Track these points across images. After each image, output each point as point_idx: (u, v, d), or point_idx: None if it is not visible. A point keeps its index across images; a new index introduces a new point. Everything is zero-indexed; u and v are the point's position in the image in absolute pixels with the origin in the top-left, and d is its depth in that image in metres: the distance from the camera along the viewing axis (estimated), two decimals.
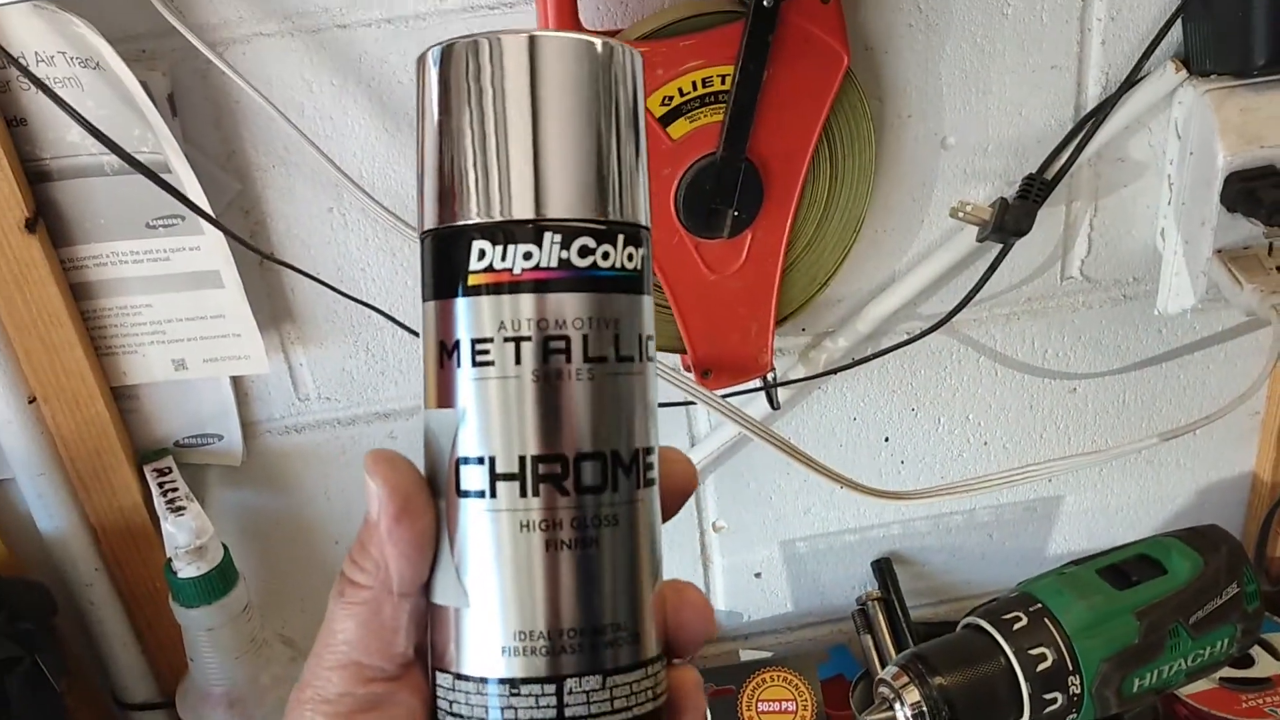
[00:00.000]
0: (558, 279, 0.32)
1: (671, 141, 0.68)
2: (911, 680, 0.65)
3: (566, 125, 0.32)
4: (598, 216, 0.32)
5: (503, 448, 0.32)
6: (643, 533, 0.33)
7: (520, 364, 0.32)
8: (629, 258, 0.33)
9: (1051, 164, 0.76)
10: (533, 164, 0.32)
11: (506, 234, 0.32)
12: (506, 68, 0.32)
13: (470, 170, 0.32)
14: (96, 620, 0.81)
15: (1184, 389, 0.87)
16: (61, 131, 0.68)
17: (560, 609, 0.32)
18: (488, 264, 0.32)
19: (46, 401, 0.74)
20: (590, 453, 0.32)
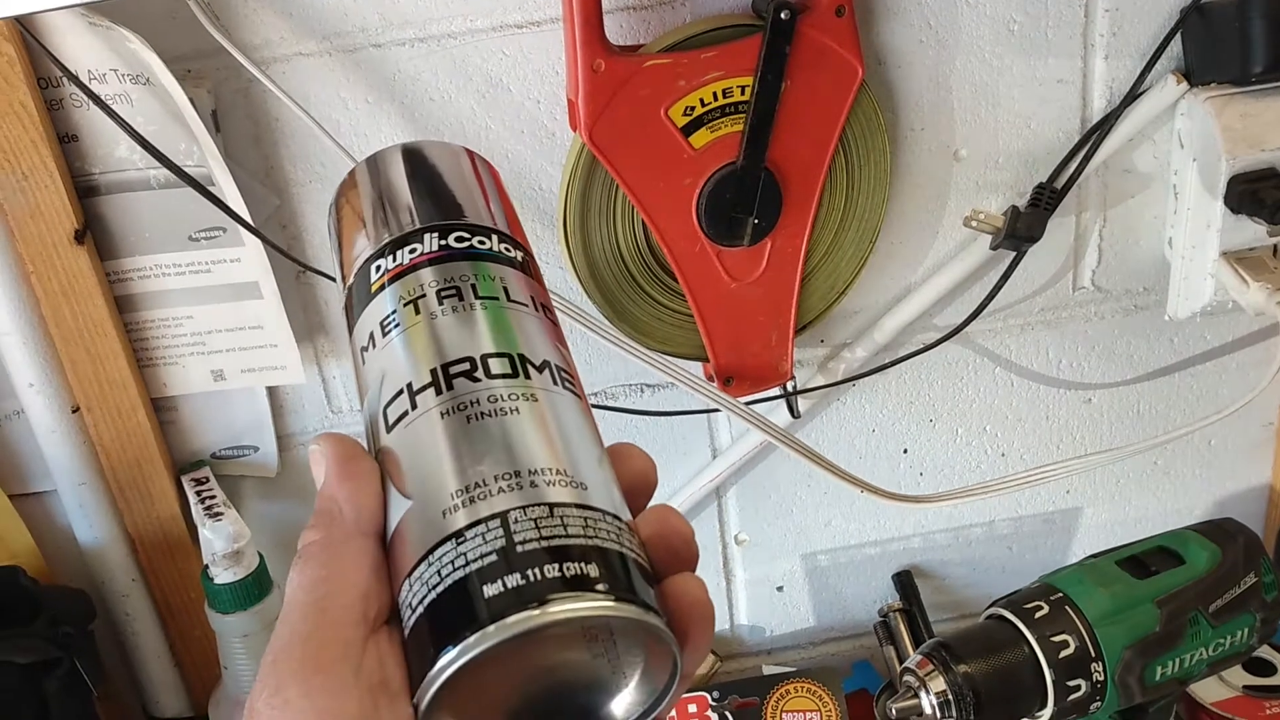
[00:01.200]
0: (436, 257, 0.38)
1: (693, 151, 0.71)
2: (936, 668, 0.66)
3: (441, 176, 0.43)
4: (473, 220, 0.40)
5: (415, 371, 0.35)
6: (564, 412, 0.35)
7: (419, 313, 0.36)
8: (505, 244, 0.40)
9: (1060, 174, 0.78)
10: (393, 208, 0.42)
11: (393, 246, 0.39)
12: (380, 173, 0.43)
13: (367, 223, 0.41)
14: (131, 632, 0.83)
15: (1197, 398, 0.88)
16: (110, 147, 0.72)
17: (491, 460, 0.33)
18: (384, 270, 0.39)
19: (89, 411, 0.76)
20: (495, 352, 0.36)
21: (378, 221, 0.40)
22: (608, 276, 0.75)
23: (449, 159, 0.44)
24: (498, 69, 0.73)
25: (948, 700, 0.65)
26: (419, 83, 0.73)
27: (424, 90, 0.73)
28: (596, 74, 0.67)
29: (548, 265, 0.78)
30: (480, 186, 0.43)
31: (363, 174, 0.43)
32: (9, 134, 0.68)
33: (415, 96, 0.73)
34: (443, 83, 0.73)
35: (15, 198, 0.70)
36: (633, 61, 0.68)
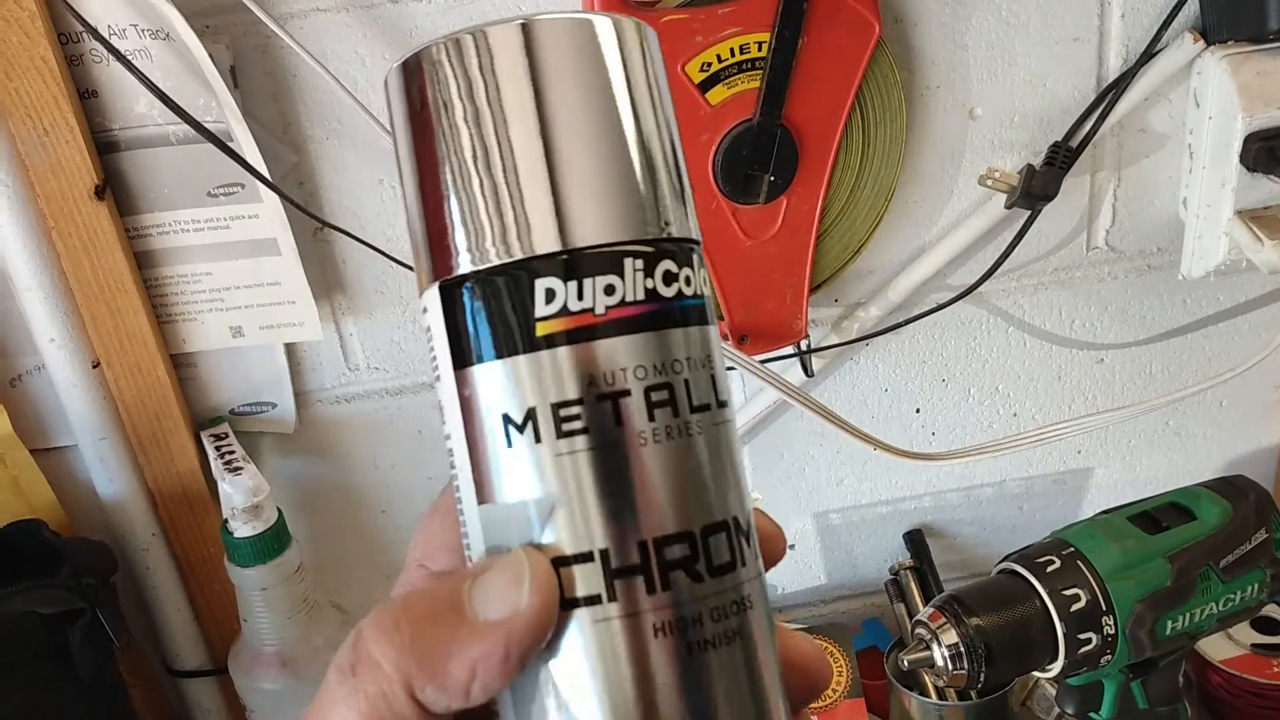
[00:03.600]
0: (646, 314, 0.26)
1: (710, 107, 0.71)
2: (948, 620, 0.66)
3: (617, 124, 0.26)
4: (670, 234, 0.27)
5: (617, 536, 0.25)
6: (767, 608, 0.28)
7: (621, 426, 0.25)
8: (704, 280, 0.28)
9: (1075, 134, 0.78)
10: (598, 175, 0.26)
11: (581, 266, 0.26)
12: (536, 58, 0.26)
13: (512, 193, 0.26)
14: (151, 585, 0.84)
15: (1209, 359, 0.89)
16: (130, 102, 0.72)
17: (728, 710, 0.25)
18: (561, 306, 0.26)
19: (110, 366, 0.77)
20: (715, 523, 0.26)
21: (538, 190, 0.26)
22: None
23: (626, 66, 0.27)
24: None
25: (959, 652, 0.66)
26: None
27: None
28: None
29: None
30: (670, 132, 0.28)
31: (474, 75, 0.26)
32: (30, 89, 0.69)
33: None
34: None
35: (36, 153, 0.70)
36: (649, 17, 0.68)
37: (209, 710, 0.89)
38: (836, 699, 0.86)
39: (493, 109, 0.26)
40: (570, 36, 0.26)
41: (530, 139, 0.26)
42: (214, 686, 0.88)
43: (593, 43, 0.26)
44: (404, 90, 0.27)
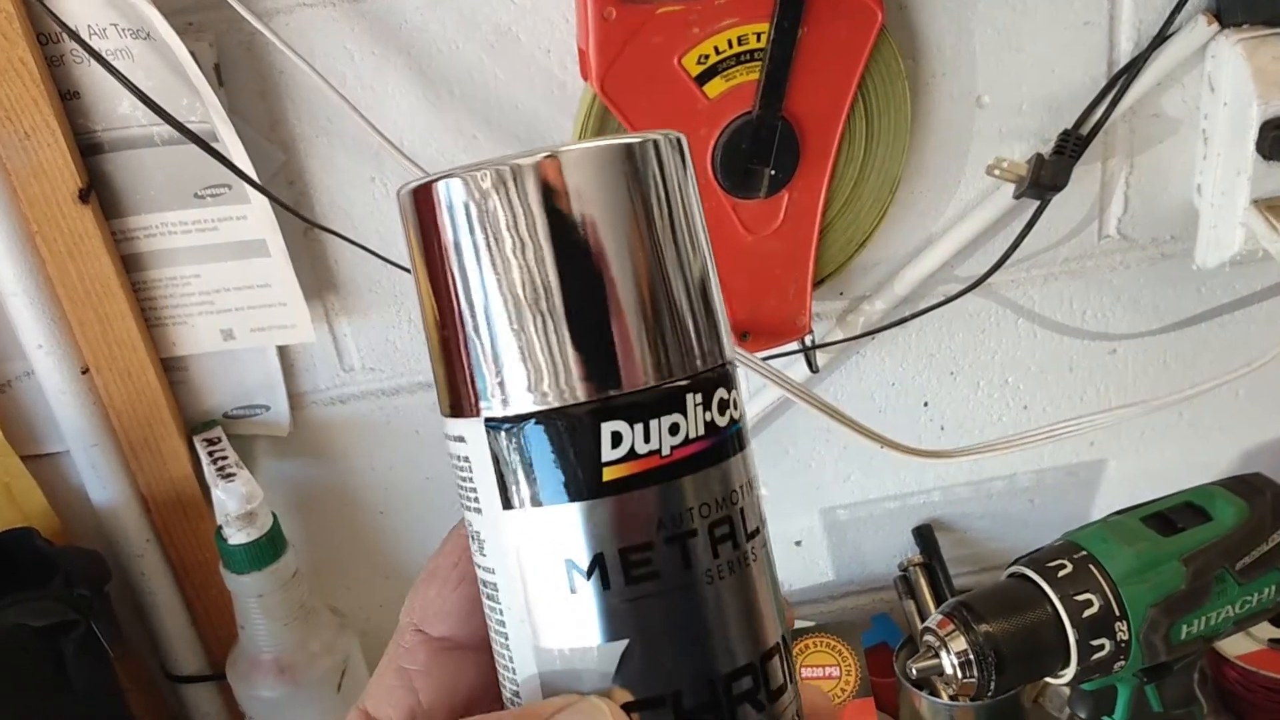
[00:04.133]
0: (708, 449, 0.26)
1: (708, 100, 0.69)
2: (957, 628, 0.65)
3: (673, 256, 0.25)
4: (722, 360, 0.26)
5: (690, 676, 0.25)
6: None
7: (691, 567, 0.25)
8: (738, 402, 0.27)
9: (1086, 120, 0.76)
10: (658, 311, 0.25)
11: (647, 407, 0.25)
12: (587, 193, 0.24)
13: (574, 334, 0.24)
14: (147, 591, 0.83)
15: (1225, 348, 0.87)
16: (113, 103, 0.70)
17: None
18: (628, 449, 0.25)
19: (99, 372, 0.76)
20: (771, 648, 0.26)
21: (589, 341, 0.24)
22: None
23: (668, 189, 0.26)
24: (507, 18, 0.71)
25: (969, 660, 0.64)
26: (426, 33, 0.71)
27: (431, 41, 0.71)
28: (608, 22, 0.66)
29: None
30: (709, 250, 0.27)
31: (509, 207, 0.25)
32: (9, 92, 0.67)
33: (422, 47, 0.71)
34: (450, 33, 0.71)
35: (17, 157, 0.69)
36: (645, 9, 0.66)
37: (209, 715, 0.88)
38: (845, 699, 0.85)
39: (552, 246, 0.24)
40: (618, 165, 0.25)
41: (591, 278, 0.24)
42: (213, 691, 0.87)
43: (641, 168, 0.25)
44: (440, 217, 0.25)
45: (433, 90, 0.72)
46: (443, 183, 0.25)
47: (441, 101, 0.72)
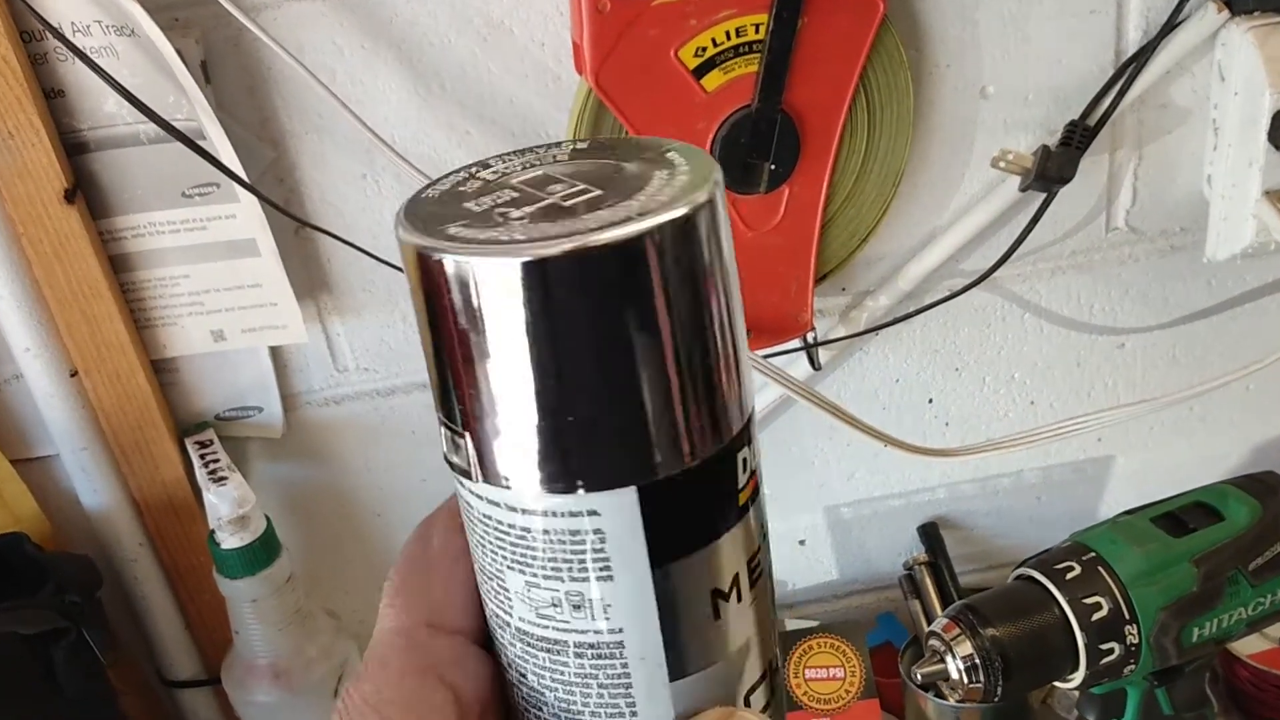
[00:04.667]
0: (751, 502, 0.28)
1: (705, 94, 0.67)
2: (963, 632, 0.63)
3: (741, 301, 0.27)
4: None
5: (773, 658, 0.29)
6: None
7: (767, 556, 0.29)
8: None
9: (1093, 111, 0.74)
10: (745, 345, 0.27)
11: (753, 425, 0.27)
12: (693, 260, 0.24)
13: (719, 383, 0.26)
14: (141, 596, 0.82)
15: (1236, 342, 0.85)
16: (98, 101, 0.69)
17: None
18: (749, 469, 0.27)
19: (88, 375, 0.74)
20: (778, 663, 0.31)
21: (727, 386, 0.25)
22: None
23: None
24: (499, 10, 0.69)
25: (975, 665, 0.63)
26: (417, 26, 0.69)
27: (422, 34, 0.70)
28: (602, 14, 0.64)
29: None
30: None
31: (663, 275, 0.24)
32: None
33: (413, 41, 0.70)
34: (442, 26, 0.69)
35: (1, 157, 0.67)
36: (640, 0, 0.64)
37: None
38: (849, 700, 0.84)
39: (689, 312, 0.25)
40: (710, 227, 0.25)
41: (724, 327, 0.25)
42: (209, 696, 0.86)
43: (718, 226, 0.25)
44: (566, 286, 0.24)
45: (424, 85, 0.71)
46: (556, 257, 0.23)
47: (433, 96, 0.71)
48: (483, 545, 0.27)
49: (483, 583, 0.28)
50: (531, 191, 0.26)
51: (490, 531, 0.26)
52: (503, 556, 0.26)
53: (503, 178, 0.27)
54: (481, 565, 0.28)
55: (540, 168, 0.27)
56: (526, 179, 0.27)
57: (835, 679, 0.84)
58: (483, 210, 0.25)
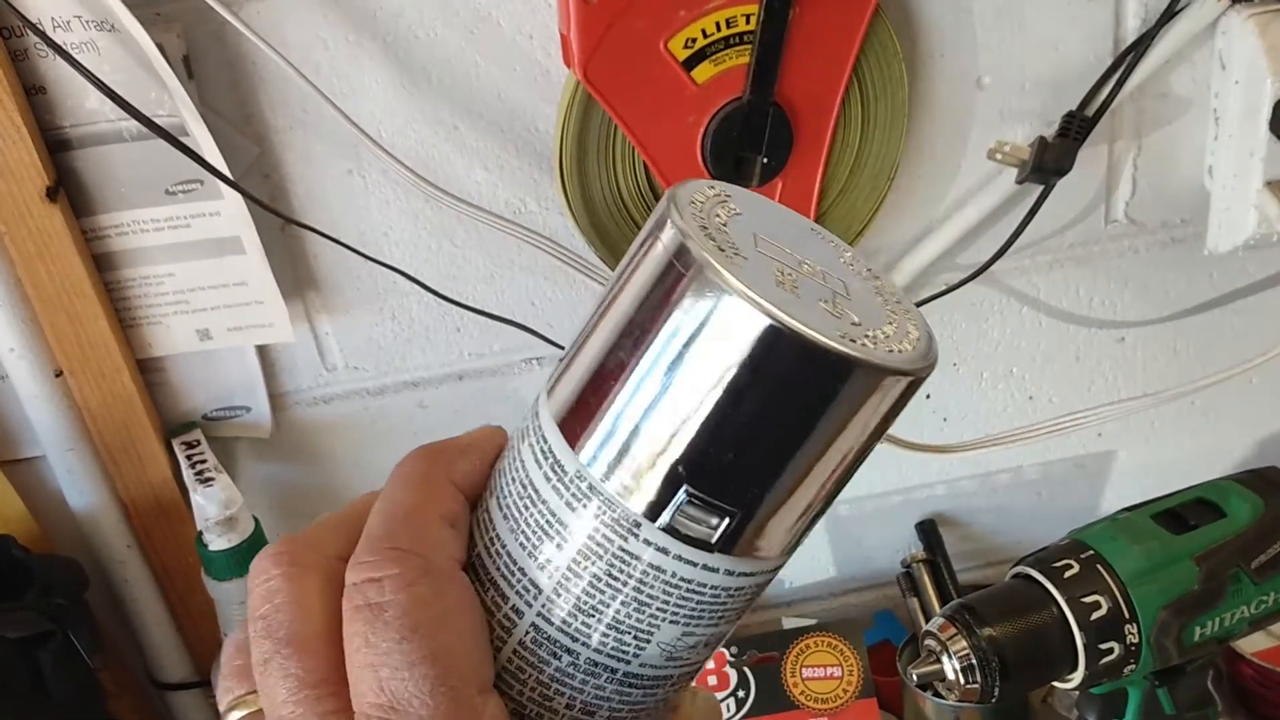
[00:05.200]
0: None
1: (696, 86, 0.66)
2: (959, 631, 0.62)
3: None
4: None
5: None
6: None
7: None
8: None
9: (1091, 101, 0.73)
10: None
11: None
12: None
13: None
14: (130, 599, 0.81)
15: (1238, 335, 0.84)
16: (80, 98, 0.68)
17: None
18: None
19: (73, 375, 0.73)
20: None
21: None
22: (609, 222, 0.71)
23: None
24: (486, 2, 0.68)
25: (971, 665, 0.62)
26: (402, 19, 0.68)
27: (408, 27, 0.69)
28: (589, 5, 0.63)
29: (547, 211, 0.74)
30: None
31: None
32: None
33: (399, 34, 0.69)
34: (428, 18, 0.68)
35: None
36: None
37: None
38: (847, 700, 0.83)
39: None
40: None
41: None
42: (200, 699, 0.85)
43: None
44: (900, 400, 0.27)
45: (410, 79, 0.70)
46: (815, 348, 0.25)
47: (420, 90, 0.70)
48: (637, 603, 0.28)
49: (603, 631, 0.28)
50: (820, 282, 0.27)
51: (670, 591, 0.27)
52: (668, 612, 0.28)
53: (761, 242, 0.27)
54: (614, 619, 0.28)
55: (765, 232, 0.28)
56: (804, 255, 0.28)
57: (833, 678, 0.83)
58: (804, 298, 0.26)
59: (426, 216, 0.74)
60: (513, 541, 0.29)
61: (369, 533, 0.29)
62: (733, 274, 0.24)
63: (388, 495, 0.30)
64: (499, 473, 0.31)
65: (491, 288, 0.76)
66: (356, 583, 0.27)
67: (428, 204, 0.73)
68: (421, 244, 0.75)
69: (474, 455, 0.31)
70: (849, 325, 0.26)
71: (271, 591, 0.29)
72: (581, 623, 0.28)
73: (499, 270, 0.76)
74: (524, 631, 0.29)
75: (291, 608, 0.28)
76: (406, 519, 0.29)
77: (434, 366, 0.79)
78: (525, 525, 0.28)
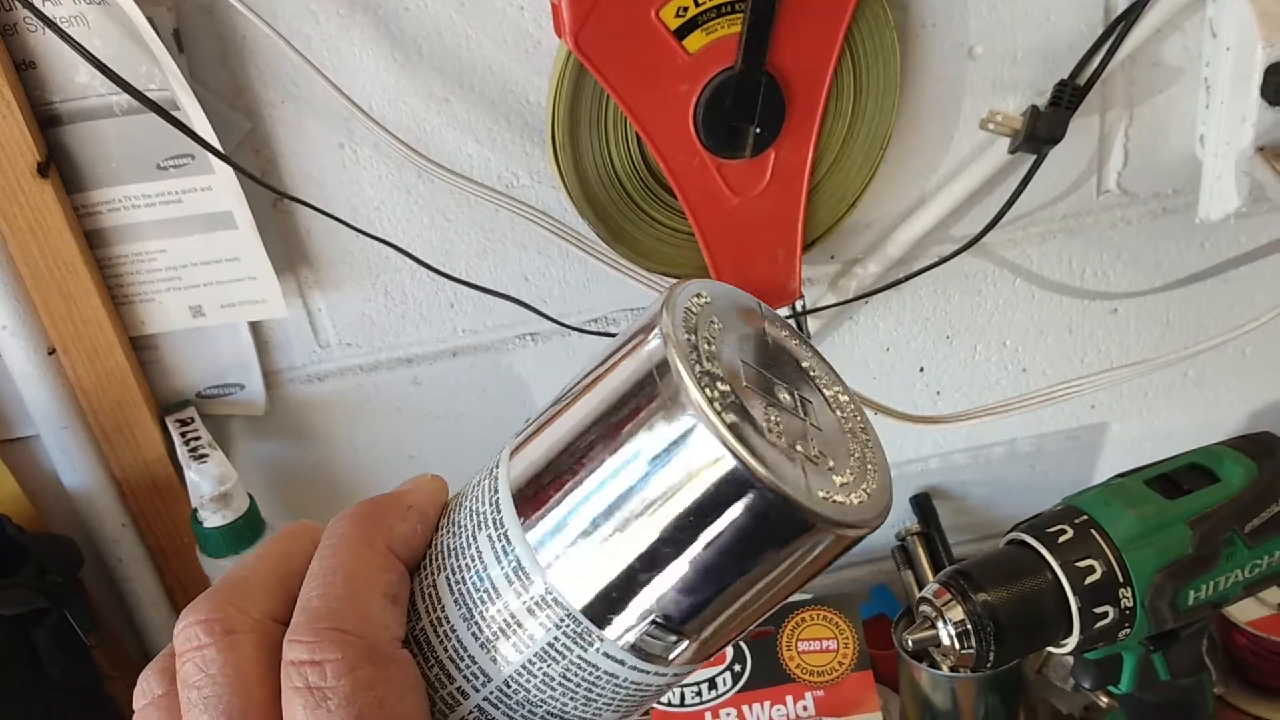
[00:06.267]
0: None
1: (688, 55, 0.66)
2: (954, 597, 0.62)
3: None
4: None
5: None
6: None
7: None
8: None
9: (1083, 70, 0.73)
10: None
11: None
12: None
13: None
14: (125, 578, 0.81)
15: (1230, 305, 0.84)
16: (70, 73, 0.67)
17: None
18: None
19: (66, 353, 0.73)
20: None
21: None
22: (602, 195, 0.71)
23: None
24: None
25: (966, 630, 0.62)
26: None
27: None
28: None
29: (539, 185, 0.74)
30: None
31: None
32: None
33: (389, 6, 0.68)
34: None
35: None
36: None
37: None
38: (843, 673, 0.83)
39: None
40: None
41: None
42: None
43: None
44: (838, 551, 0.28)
45: (401, 51, 0.69)
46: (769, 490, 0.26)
47: (411, 63, 0.70)
48: (585, 699, 0.29)
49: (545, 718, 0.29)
50: (792, 414, 0.28)
51: (618, 690, 0.29)
52: (613, 705, 0.29)
53: (743, 365, 0.28)
54: (560, 711, 0.29)
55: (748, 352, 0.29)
56: (778, 372, 0.29)
57: (828, 651, 0.83)
58: (778, 441, 0.26)
59: (419, 191, 0.74)
60: (464, 629, 0.29)
61: (306, 605, 0.28)
62: (717, 422, 0.25)
63: (325, 562, 0.29)
64: (449, 550, 0.30)
65: (485, 262, 0.76)
66: (295, 662, 0.27)
67: (420, 178, 0.73)
68: (414, 219, 0.74)
69: (415, 518, 0.31)
70: (818, 473, 0.27)
71: (207, 661, 0.28)
72: (528, 711, 0.29)
73: (492, 245, 0.76)
74: (469, 711, 0.29)
75: (231, 681, 0.28)
76: (347, 596, 0.28)
77: (428, 343, 0.79)
78: (480, 618, 0.29)
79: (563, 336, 0.80)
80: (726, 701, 0.82)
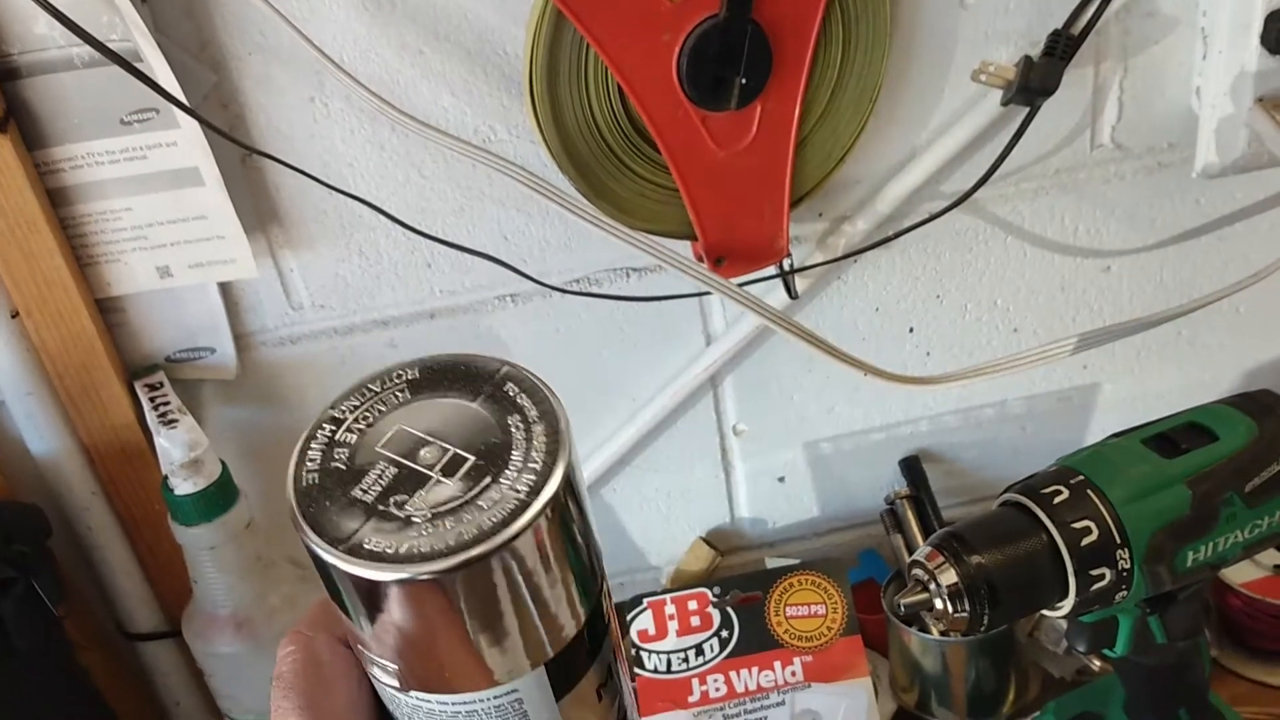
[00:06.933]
0: None
1: (670, 3, 0.64)
2: (947, 560, 0.61)
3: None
4: None
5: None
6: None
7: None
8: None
9: (1077, 20, 0.71)
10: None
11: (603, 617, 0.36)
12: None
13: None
14: (96, 546, 0.79)
15: (1225, 263, 0.82)
16: (28, 23, 0.65)
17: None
18: (597, 639, 0.35)
19: (30, 315, 0.71)
20: None
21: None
22: (583, 149, 0.69)
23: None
24: None
25: (960, 593, 0.60)
26: None
27: None
28: None
29: (517, 139, 0.71)
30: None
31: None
32: None
33: None
34: None
35: None
36: None
37: (168, 673, 0.84)
38: (832, 638, 0.81)
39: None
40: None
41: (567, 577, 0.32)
42: (171, 649, 0.83)
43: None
44: (482, 583, 0.30)
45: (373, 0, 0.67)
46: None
47: (383, 12, 0.67)
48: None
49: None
50: (408, 465, 0.30)
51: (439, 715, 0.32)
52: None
53: (364, 438, 0.31)
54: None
55: (392, 416, 0.32)
56: (391, 443, 0.31)
57: (817, 616, 0.82)
58: (375, 503, 0.30)
59: (393, 146, 0.71)
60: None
61: None
62: (319, 537, 0.30)
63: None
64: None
65: (462, 220, 0.74)
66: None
67: (394, 133, 0.70)
68: (388, 175, 0.72)
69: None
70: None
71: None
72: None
73: (469, 202, 0.73)
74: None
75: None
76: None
77: (404, 304, 0.77)
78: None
79: (544, 297, 0.78)
80: (714, 668, 0.81)
